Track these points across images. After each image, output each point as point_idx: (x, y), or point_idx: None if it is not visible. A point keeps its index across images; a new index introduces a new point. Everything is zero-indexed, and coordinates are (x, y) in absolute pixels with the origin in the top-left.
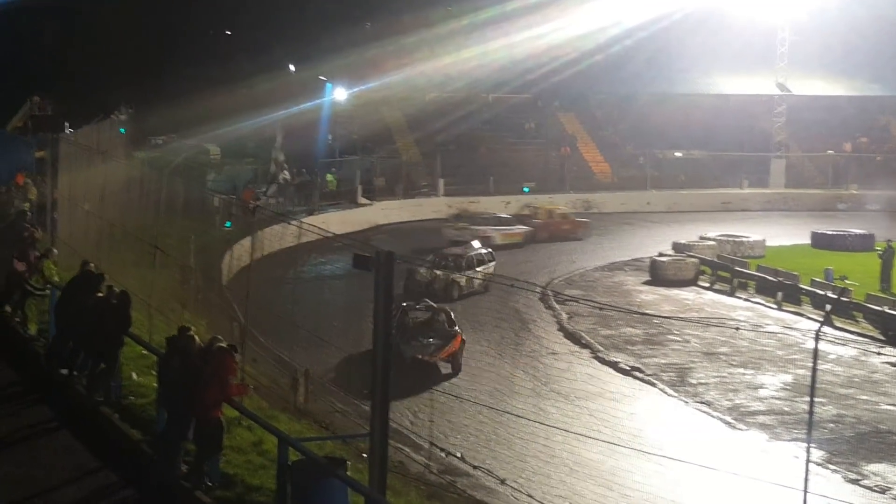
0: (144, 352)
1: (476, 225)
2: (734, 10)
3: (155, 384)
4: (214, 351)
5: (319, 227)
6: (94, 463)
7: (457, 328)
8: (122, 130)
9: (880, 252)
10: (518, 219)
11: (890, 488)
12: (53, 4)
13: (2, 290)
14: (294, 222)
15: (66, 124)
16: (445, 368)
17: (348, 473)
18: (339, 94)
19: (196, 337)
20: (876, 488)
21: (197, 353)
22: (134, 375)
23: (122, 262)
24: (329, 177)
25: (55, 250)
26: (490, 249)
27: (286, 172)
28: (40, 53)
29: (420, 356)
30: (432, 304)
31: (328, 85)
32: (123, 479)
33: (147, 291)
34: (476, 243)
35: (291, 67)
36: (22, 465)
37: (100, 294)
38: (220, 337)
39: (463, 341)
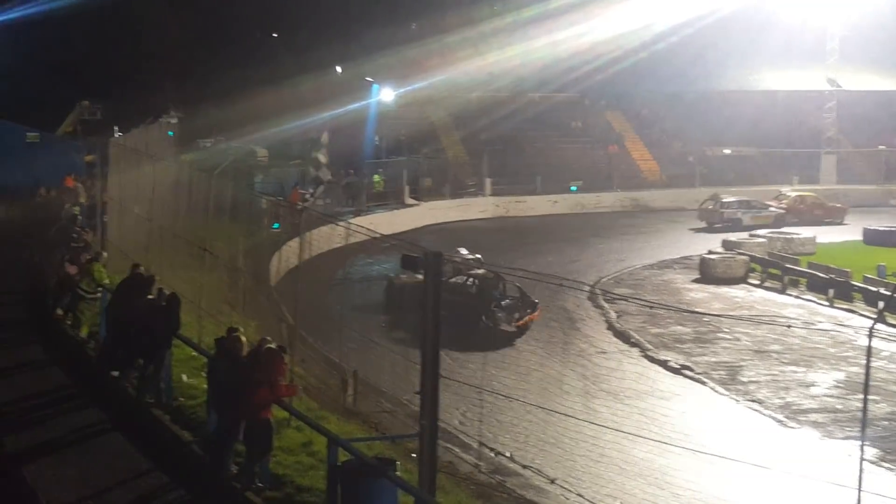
0: (194, 353)
1: (726, 209)
2: (781, 5)
3: (205, 386)
4: (264, 352)
5: (367, 228)
6: (145, 464)
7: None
8: (170, 133)
9: None
10: (766, 203)
11: None
12: (102, 9)
13: (54, 294)
14: (342, 223)
15: (115, 128)
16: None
17: (398, 473)
18: (386, 94)
19: (243, 338)
20: None
21: (246, 355)
22: (184, 377)
23: (171, 265)
24: (376, 177)
25: (105, 253)
26: (479, 256)
27: (328, 172)
28: (90, 58)
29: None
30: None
31: (374, 85)
32: (174, 480)
33: (196, 293)
34: (464, 250)
35: (338, 68)
36: (75, 466)
37: (150, 296)
38: (269, 338)
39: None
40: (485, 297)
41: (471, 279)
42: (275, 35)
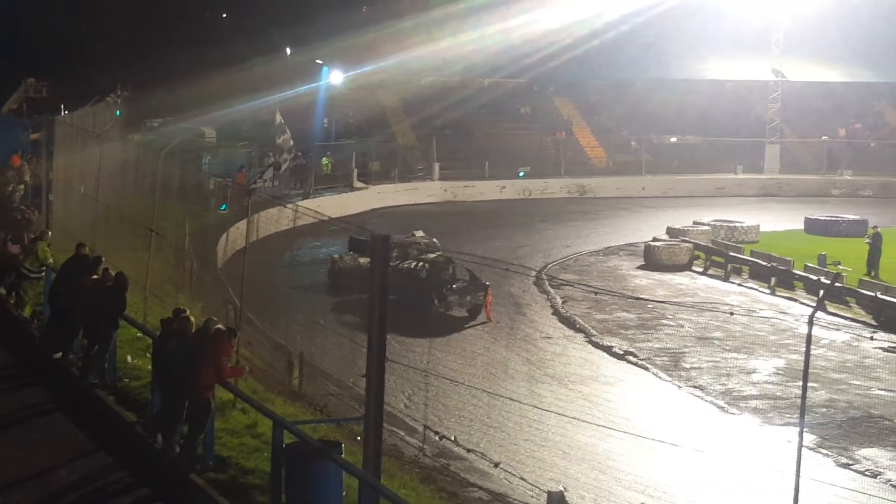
0: (139, 334)
1: None
2: None
3: (150, 367)
4: (211, 333)
5: (315, 211)
6: (89, 445)
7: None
8: (117, 113)
9: (868, 239)
10: None
11: (881, 473)
12: None
13: None
14: (290, 205)
15: (62, 106)
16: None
17: (343, 456)
18: (336, 77)
19: (191, 319)
20: (867, 473)
21: (193, 336)
22: (129, 358)
23: (117, 245)
24: (324, 160)
25: (50, 232)
26: (435, 239)
27: (287, 159)
28: (36, 35)
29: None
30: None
31: (324, 68)
32: (118, 461)
33: (142, 274)
34: (420, 233)
35: (288, 50)
36: (18, 447)
37: (95, 276)
38: (215, 319)
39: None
40: (435, 282)
41: (420, 263)
42: (225, 16)
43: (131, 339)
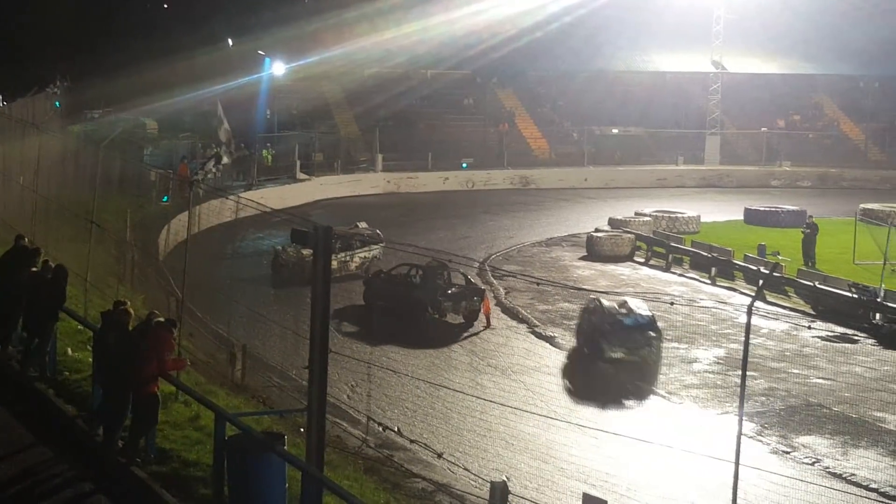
0: (80, 327)
1: None
2: None
3: (91, 360)
4: (152, 326)
5: (258, 202)
6: (29, 439)
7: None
8: (56, 104)
9: (804, 229)
10: None
11: (819, 460)
12: None
13: None
14: (232, 197)
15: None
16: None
17: (286, 448)
18: (278, 68)
19: (131, 311)
20: (806, 460)
21: (134, 328)
22: (69, 351)
23: (57, 237)
24: (265, 152)
25: None
26: (378, 231)
27: (227, 151)
28: None
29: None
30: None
31: (267, 59)
32: (58, 454)
33: (83, 266)
34: (363, 224)
35: (230, 41)
36: None
37: (34, 269)
38: (157, 312)
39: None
40: (429, 288)
41: (414, 269)
42: (165, 6)
43: (72, 332)
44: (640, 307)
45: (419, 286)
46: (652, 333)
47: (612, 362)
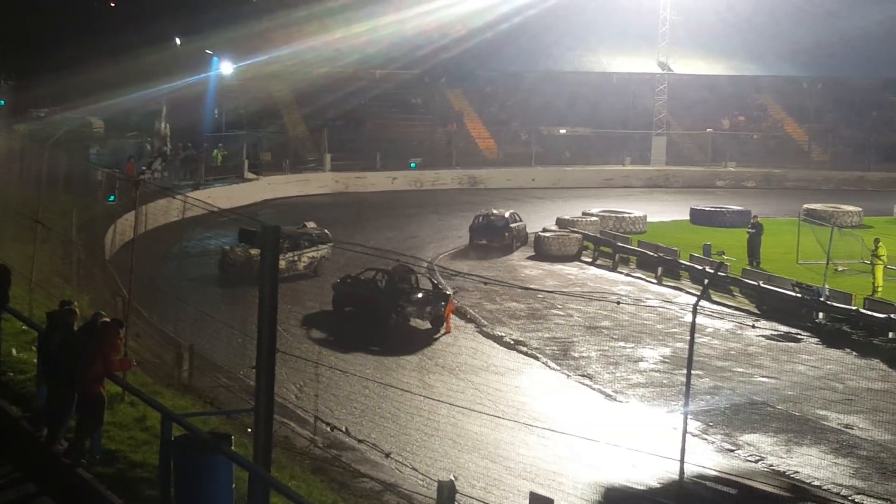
0: (25, 327)
1: None
2: None
3: (35, 360)
4: (98, 326)
5: (205, 202)
6: None
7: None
8: (1, 102)
9: (749, 228)
10: None
11: (763, 458)
12: None
13: None
14: (179, 196)
15: None
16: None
17: (233, 448)
18: (226, 67)
19: (77, 311)
20: (750, 458)
21: (80, 329)
22: (14, 351)
23: (1, 237)
24: (215, 152)
25: None
26: (326, 231)
27: (168, 146)
28: None
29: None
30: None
31: (214, 58)
32: (2, 455)
33: (28, 266)
34: (311, 224)
35: (177, 40)
36: None
37: None
38: (103, 312)
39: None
40: (392, 292)
41: (380, 273)
42: (112, 4)
43: (16, 333)
44: None
45: (383, 291)
46: None
47: None
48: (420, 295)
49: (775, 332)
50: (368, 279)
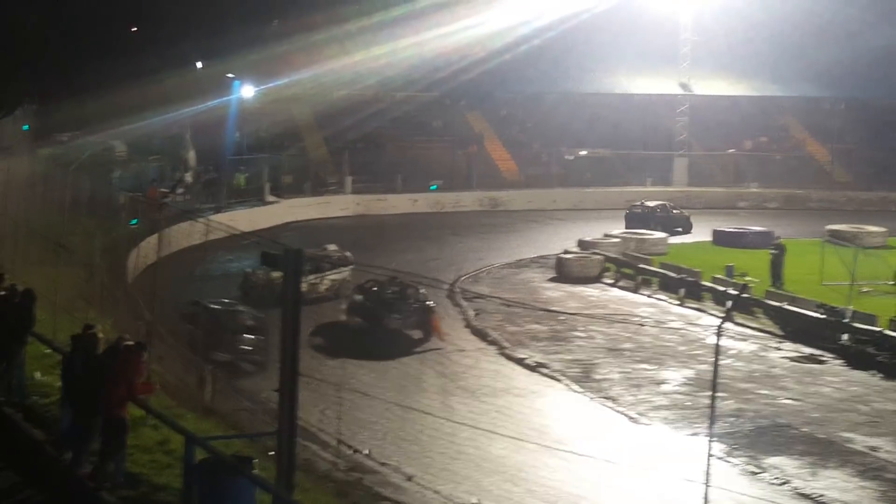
0: (48, 350)
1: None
2: (640, 11)
3: (59, 383)
4: (121, 349)
5: (227, 225)
6: None
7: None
8: (25, 127)
9: (772, 250)
10: None
11: (788, 481)
12: None
13: None
14: (201, 219)
15: None
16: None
17: (255, 472)
18: (247, 91)
19: (100, 335)
20: (775, 481)
21: (103, 352)
22: (38, 375)
23: (25, 260)
24: (238, 175)
25: None
26: (348, 253)
27: (189, 175)
28: None
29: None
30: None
31: (236, 82)
32: (26, 479)
33: (51, 290)
34: (332, 247)
35: (199, 64)
36: None
37: (2, 292)
38: (126, 336)
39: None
40: (377, 304)
41: (369, 283)
42: (134, 29)
43: (40, 356)
44: None
45: (372, 301)
46: None
47: None
48: (404, 305)
49: (799, 354)
50: (369, 290)
